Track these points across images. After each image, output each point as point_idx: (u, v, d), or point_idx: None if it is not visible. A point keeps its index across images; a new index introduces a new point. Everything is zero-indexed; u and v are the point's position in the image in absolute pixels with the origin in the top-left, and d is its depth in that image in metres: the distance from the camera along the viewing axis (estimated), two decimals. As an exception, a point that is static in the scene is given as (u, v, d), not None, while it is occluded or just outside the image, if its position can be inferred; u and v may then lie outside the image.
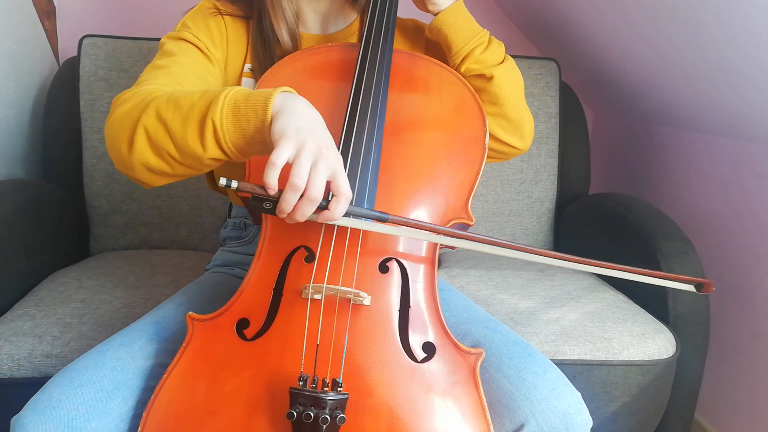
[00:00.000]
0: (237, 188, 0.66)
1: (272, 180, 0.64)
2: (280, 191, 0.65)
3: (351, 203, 0.70)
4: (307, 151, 0.64)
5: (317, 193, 0.64)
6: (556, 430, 0.75)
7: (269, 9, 0.94)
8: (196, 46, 0.92)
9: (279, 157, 0.63)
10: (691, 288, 0.87)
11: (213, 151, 0.71)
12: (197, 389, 0.71)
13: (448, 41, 0.94)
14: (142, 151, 0.74)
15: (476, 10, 0.99)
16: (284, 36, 0.95)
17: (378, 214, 0.72)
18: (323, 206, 0.67)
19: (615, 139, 2.03)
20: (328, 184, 0.66)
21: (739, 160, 1.45)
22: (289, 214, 0.66)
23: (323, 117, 0.70)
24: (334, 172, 0.66)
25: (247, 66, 0.98)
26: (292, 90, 0.72)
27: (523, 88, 1.00)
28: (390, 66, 0.88)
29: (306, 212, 0.66)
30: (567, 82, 1.79)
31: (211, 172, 1.07)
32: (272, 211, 0.67)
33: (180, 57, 0.89)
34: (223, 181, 0.66)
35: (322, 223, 0.76)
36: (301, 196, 0.64)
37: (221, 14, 0.97)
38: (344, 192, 0.67)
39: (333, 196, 0.67)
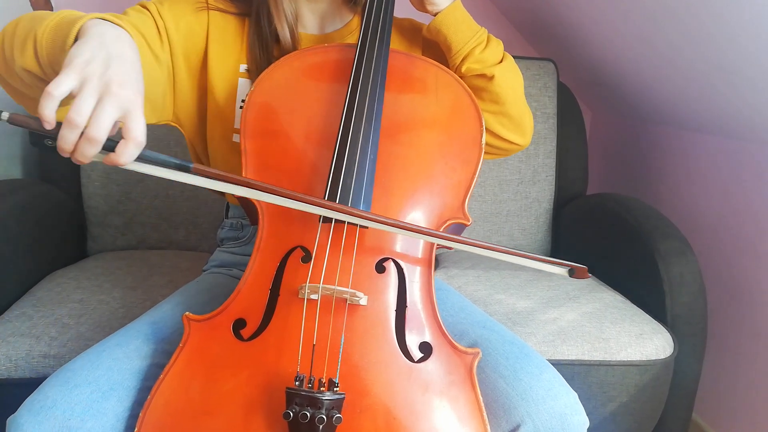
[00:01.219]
0: (8, 120, 0.59)
1: (46, 112, 0.57)
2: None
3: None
4: (91, 85, 0.58)
5: (97, 132, 0.58)
6: (553, 431, 0.75)
7: (271, 8, 0.94)
8: (155, 22, 0.90)
9: (56, 87, 0.57)
10: (563, 272, 0.83)
11: (29, 61, 0.69)
12: (194, 389, 0.71)
13: (448, 41, 0.95)
14: None
15: (473, 10, 0.99)
16: (286, 35, 0.95)
17: (177, 161, 0.66)
18: (110, 148, 0.60)
19: (613, 139, 2.03)
20: (123, 129, 0.61)
21: (737, 160, 1.45)
22: (71, 154, 0.60)
23: (320, 117, 0.70)
24: (127, 112, 0.60)
25: (243, 66, 0.97)
26: (120, 21, 0.68)
27: (523, 86, 1.01)
28: (386, 66, 0.88)
29: (87, 152, 0.59)
30: (565, 82, 1.79)
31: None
32: (54, 149, 0.61)
33: (129, 19, 0.86)
34: None
35: (319, 223, 0.76)
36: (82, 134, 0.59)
37: (208, 9, 0.96)
38: (134, 135, 0.60)
39: (122, 138, 0.61)
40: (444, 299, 0.94)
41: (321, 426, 0.64)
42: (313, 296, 0.73)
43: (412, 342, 0.74)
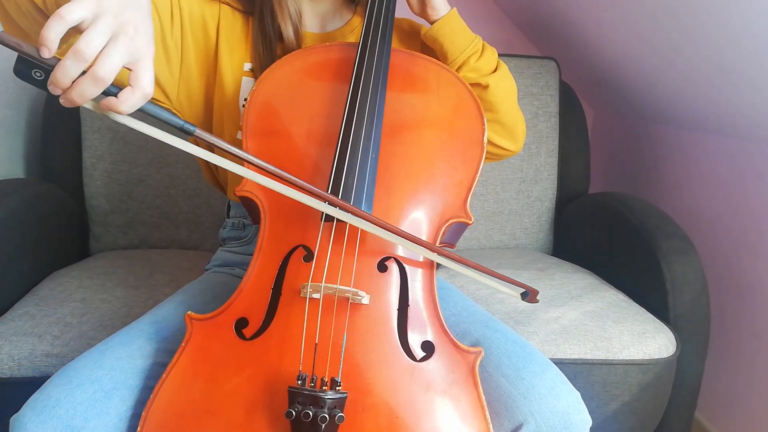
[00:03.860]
0: None
1: (51, 35, 0.51)
2: (57, 60, 0.52)
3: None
4: (106, 20, 0.53)
5: (105, 71, 0.53)
6: (555, 430, 0.75)
7: (275, 6, 0.94)
8: (170, 1, 0.89)
9: (70, 12, 0.51)
10: (516, 294, 0.90)
11: None
12: (196, 389, 0.71)
13: (444, 50, 0.96)
14: None
15: (476, 9, 0.99)
16: (290, 33, 0.95)
17: (181, 123, 0.60)
18: (112, 93, 0.55)
19: (615, 138, 2.03)
20: (131, 76, 0.56)
21: (738, 160, 1.45)
22: (65, 93, 0.54)
23: (321, 116, 0.70)
24: (139, 59, 0.56)
25: (247, 65, 0.97)
26: None
27: (516, 93, 1.02)
28: (388, 65, 0.88)
29: (86, 92, 0.54)
30: (567, 81, 1.79)
31: (210, 167, 1.07)
32: (42, 84, 0.54)
33: None
34: None
35: (321, 222, 0.76)
36: (85, 72, 0.53)
37: (219, 1, 0.96)
38: (143, 85, 0.56)
39: (129, 86, 0.56)
40: (446, 298, 0.94)
41: (323, 425, 0.64)
42: (315, 295, 0.73)
43: (415, 341, 0.74)
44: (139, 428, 0.70)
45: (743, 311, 1.42)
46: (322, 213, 0.75)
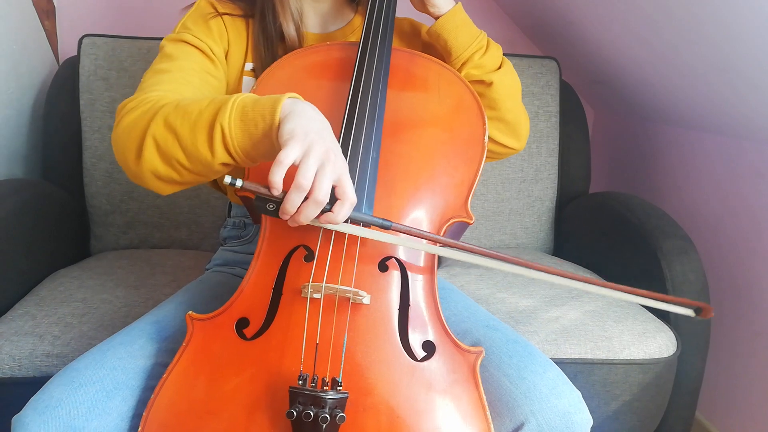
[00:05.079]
0: (241, 187, 0.67)
1: (277, 178, 0.64)
2: (284, 193, 0.65)
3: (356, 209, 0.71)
4: (314, 153, 0.64)
5: (322, 195, 0.65)
6: (556, 429, 0.75)
7: (277, 7, 0.94)
8: (198, 48, 0.92)
9: (287, 157, 0.64)
10: (690, 313, 0.87)
11: (222, 156, 0.72)
12: (197, 388, 0.72)
13: (448, 46, 0.95)
14: (151, 160, 0.75)
15: (476, 8, 0.99)
16: (291, 33, 0.95)
17: (381, 221, 0.73)
18: (326, 209, 0.67)
19: (615, 138, 2.02)
20: (334, 188, 0.67)
21: (737, 159, 1.45)
22: (292, 216, 0.67)
23: (323, 115, 0.70)
24: (340, 176, 0.67)
25: (248, 65, 0.98)
26: (299, 96, 0.73)
27: (520, 91, 1.01)
28: (389, 64, 0.88)
29: (310, 214, 0.66)
30: (567, 80, 1.78)
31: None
32: (275, 213, 0.68)
33: (182, 61, 0.89)
34: (228, 179, 0.66)
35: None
36: (306, 198, 0.65)
37: (219, 15, 0.97)
38: (349, 197, 0.68)
39: (337, 200, 0.68)
40: (447, 298, 0.94)
41: (324, 425, 0.64)
42: (316, 295, 0.73)
43: (415, 341, 0.74)
44: (140, 428, 0.70)
45: (743, 310, 1.42)
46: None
